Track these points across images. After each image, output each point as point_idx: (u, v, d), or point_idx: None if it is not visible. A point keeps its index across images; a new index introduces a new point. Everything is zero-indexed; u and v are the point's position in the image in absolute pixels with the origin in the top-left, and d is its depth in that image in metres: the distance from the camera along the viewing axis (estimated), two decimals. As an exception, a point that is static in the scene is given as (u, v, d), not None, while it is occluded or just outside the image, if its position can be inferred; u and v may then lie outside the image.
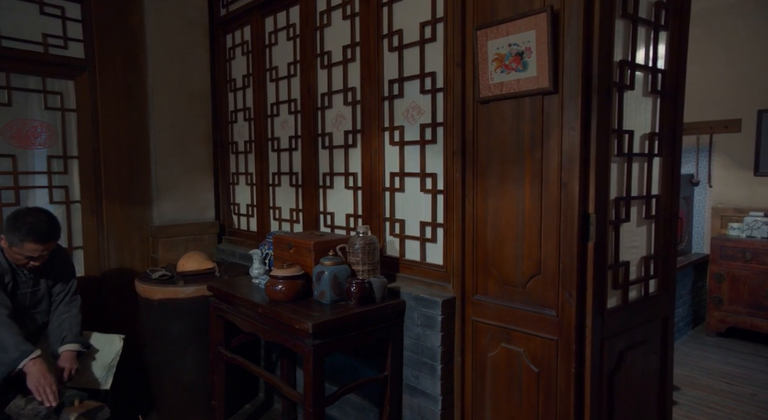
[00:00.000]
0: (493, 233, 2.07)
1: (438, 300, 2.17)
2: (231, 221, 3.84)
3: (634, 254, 2.06)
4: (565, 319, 1.86)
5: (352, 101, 2.70)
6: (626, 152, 1.95)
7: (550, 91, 1.83)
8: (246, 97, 3.55)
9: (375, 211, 2.61)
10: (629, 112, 1.96)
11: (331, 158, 2.89)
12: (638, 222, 2.07)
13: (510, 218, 2.01)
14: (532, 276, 1.96)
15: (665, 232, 2.18)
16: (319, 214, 2.99)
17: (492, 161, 2.06)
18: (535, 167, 1.91)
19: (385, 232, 2.59)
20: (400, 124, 2.47)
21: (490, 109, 2.05)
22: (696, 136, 5.00)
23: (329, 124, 2.89)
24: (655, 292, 2.18)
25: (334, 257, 2.28)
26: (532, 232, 1.94)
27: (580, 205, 1.80)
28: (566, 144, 1.81)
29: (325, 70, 2.87)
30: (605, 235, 1.85)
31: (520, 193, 1.97)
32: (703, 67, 4.86)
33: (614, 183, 1.93)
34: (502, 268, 2.05)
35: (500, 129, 2.02)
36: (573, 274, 1.82)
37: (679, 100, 2.15)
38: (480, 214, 2.12)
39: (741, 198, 4.77)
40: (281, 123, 3.25)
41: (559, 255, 1.86)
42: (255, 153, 3.49)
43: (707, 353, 4.17)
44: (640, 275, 2.10)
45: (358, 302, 2.18)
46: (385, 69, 2.51)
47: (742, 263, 4.36)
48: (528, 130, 1.92)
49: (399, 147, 2.48)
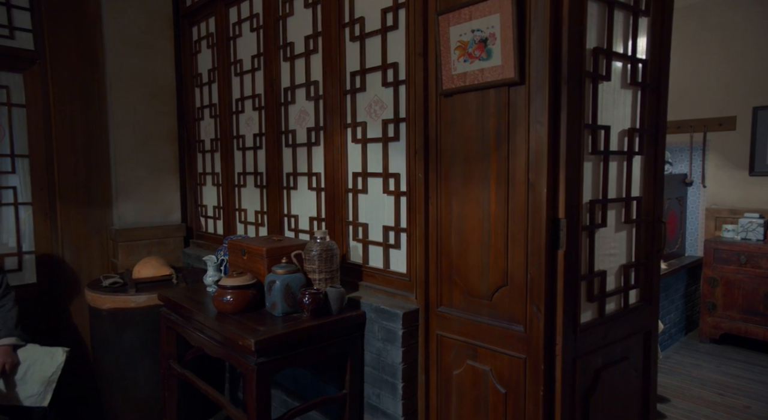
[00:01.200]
0: (458, 239, 1.89)
1: (398, 312, 1.98)
2: (199, 224, 3.65)
3: (612, 262, 1.88)
4: (534, 336, 1.67)
5: (314, 96, 2.51)
6: (602, 150, 1.76)
7: (515, 82, 1.65)
8: (212, 93, 3.36)
9: (338, 214, 2.42)
10: (605, 106, 1.78)
11: (294, 157, 2.70)
12: (617, 227, 1.88)
13: (475, 223, 1.82)
14: (498, 287, 1.77)
15: (647, 238, 2.00)
16: (284, 217, 2.81)
17: (456, 160, 1.87)
18: (500, 166, 1.72)
19: (349, 237, 2.40)
20: (363, 119, 2.28)
21: (453, 103, 1.86)
22: (689, 134, 4.82)
23: (293, 120, 2.70)
24: (636, 304, 2.00)
25: (288, 265, 2.09)
26: (498, 238, 1.75)
27: (548, 209, 1.61)
28: (533, 140, 1.62)
29: (288, 63, 2.68)
30: (578, 242, 1.66)
31: (485, 196, 1.78)
32: (696, 62, 4.68)
33: (588, 184, 1.74)
34: (467, 278, 1.87)
35: (464, 124, 1.83)
36: (541, 286, 1.63)
37: (662, 93, 1.97)
38: (444, 218, 1.93)
39: (736, 199, 4.59)
40: (246, 120, 3.06)
41: (526, 264, 1.68)
42: (221, 152, 3.30)
43: (700, 361, 3.99)
44: (619, 285, 1.91)
45: (312, 314, 1.99)
46: (348, 60, 2.32)
47: (737, 267, 4.18)
48: (493, 125, 1.74)
49: (361, 145, 2.29)
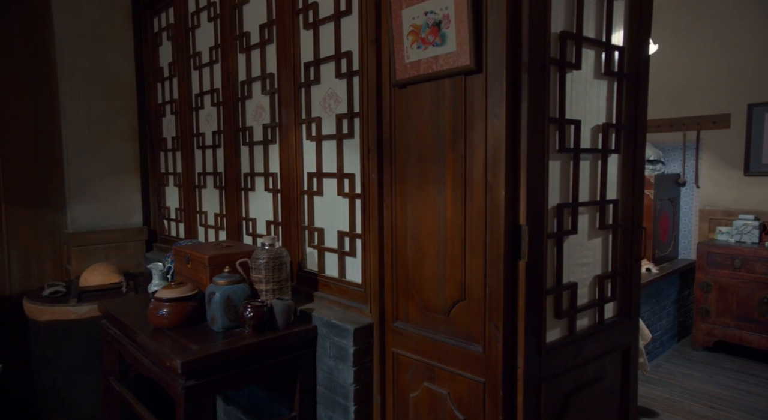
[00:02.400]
0: (413, 247, 1.69)
1: (349, 328, 1.79)
2: (162, 227, 3.45)
3: (585, 273, 1.68)
4: (492, 358, 1.48)
5: (270, 90, 2.32)
6: (572, 147, 1.57)
7: (472, 70, 1.45)
8: (173, 88, 3.17)
9: (294, 217, 2.23)
10: (576, 98, 1.59)
11: (251, 157, 2.51)
12: (590, 233, 1.69)
13: (431, 229, 1.63)
14: (455, 301, 1.58)
15: (626, 245, 1.80)
16: (242, 221, 2.61)
17: (411, 159, 1.68)
18: (457, 166, 1.53)
19: (305, 243, 2.21)
20: (318, 115, 2.09)
21: (408, 95, 1.67)
22: (682, 132, 4.62)
23: (250, 117, 2.51)
24: (613, 318, 1.80)
25: (231, 275, 1.90)
26: (454, 247, 1.56)
27: (507, 214, 1.42)
28: (491, 136, 1.43)
29: (244, 55, 2.48)
30: (542, 251, 1.47)
31: (441, 199, 1.59)
32: (690, 57, 4.49)
33: (556, 186, 1.55)
34: (423, 291, 1.67)
35: (419, 119, 1.64)
36: (499, 302, 1.44)
37: (642, 85, 1.77)
38: (399, 224, 1.74)
39: (730, 199, 4.39)
40: (206, 117, 2.87)
41: (485, 277, 1.48)
42: (181, 151, 3.11)
43: (692, 371, 3.80)
44: (593, 298, 1.72)
45: (254, 330, 1.80)
46: (302, 50, 2.13)
47: (731, 271, 3.99)
48: (449, 119, 1.54)
49: (316, 142, 2.10)
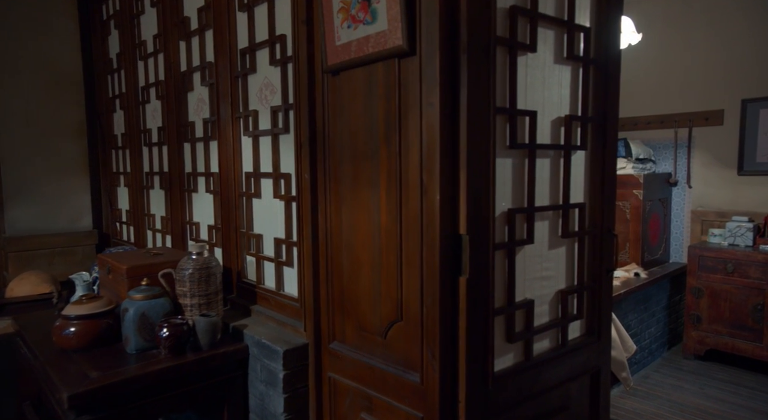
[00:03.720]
0: (349, 257, 1.48)
1: (279, 349, 1.57)
2: (116, 230, 3.23)
3: (544, 288, 1.46)
4: (430, 389, 1.26)
5: (209, 80, 2.10)
6: (527, 142, 1.35)
7: (405, 52, 1.23)
8: (121, 81, 2.94)
9: (233, 222, 2.01)
10: (533, 86, 1.36)
11: (193, 154, 2.29)
12: (551, 242, 1.47)
13: (365, 237, 1.41)
14: (392, 322, 1.36)
15: (595, 255, 1.58)
16: (186, 225, 2.39)
17: (345, 156, 1.46)
18: (391, 164, 1.31)
19: (244, 250, 1.99)
20: (255, 107, 1.87)
21: (341, 83, 1.45)
22: (674, 129, 4.40)
23: (192, 111, 2.29)
24: (580, 339, 1.58)
25: (150, 288, 1.68)
26: (390, 258, 1.34)
27: (444, 221, 1.20)
28: (426, 130, 1.21)
29: (184, 43, 2.26)
30: (488, 265, 1.25)
31: (376, 202, 1.37)
32: (681, 50, 4.27)
33: (507, 188, 1.33)
34: (359, 308, 1.46)
35: (352, 110, 1.42)
36: (435, 325, 1.22)
37: (612, 71, 1.55)
38: (335, 230, 1.52)
39: (723, 200, 4.18)
40: (152, 111, 2.65)
41: (422, 295, 1.26)
42: (130, 149, 2.88)
43: (682, 382, 3.58)
44: (555, 317, 1.50)
45: (171, 351, 1.58)
46: (239, 36, 1.91)
47: (723, 276, 3.77)
48: (382, 110, 1.32)
49: (253, 139, 1.88)
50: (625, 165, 4.17)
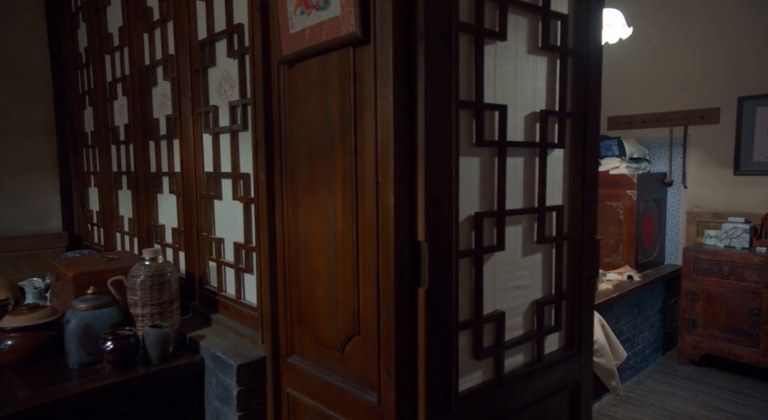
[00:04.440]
0: (306, 264, 1.36)
1: (232, 364, 1.45)
2: (88, 232, 3.11)
3: (518, 299, 1.34)
4: (387, 411, 1.14)
5: (171, 75, 1.98)
6: (496, 139, 1.23)
7: (359, 40, 1.12)
8: (91, 76, 2.82)
9: (195, 225, 1.89)
10: (503, 78, 1.24)
11: (158, 153, 2.17)
12: (526, 249, 1.35)
13: (322, 243, 1.29)
14: (349, 336, 1.24)
15: (574, 261, 1.46)
16: (152, 228, 2.27)
17: (301, 155, 1.34)
18: (347, 164, 1.19)
19: (207, 255, 1.87)
20: (215, 103, 1.75)
21: (296, 75, 1.33)
22: (669, 128, 4.29)
23: (156, 107, 2.17)
24: (559, 352, 1.46)
25: (96, 297, 1.56)
26: (346, 266, 1.22)
27: (399, 226, 1.08)
28: (381, 125, 1.09)
29: (147, 34, 2.14)
30: (451, 275, 1.13)
31: (332, 205, 1.25)
32: (676, 46, 4.15)
33: (474, 189, 1.21)
34: (317, 319, 1.34)
35: (307, 105, 1.30)
36: (390, 341, 1.10)
37: (593, 63, 1.43)
38: (292, 235, 1.40)
39: (719, 201, 4.06)
40: (119, 108, 2.53)
41: (378, 307, 1.15)
42: (98, 147, 2.76)
43: (675, 388, 3.46)
44: (530, 329, 1.38)
45: (116, 366, 1.46)
46: (198, 26, 1.79)
47: (719, 279, 3.65)
48: (337, 104, 1.21)
49: (213, 136, 1.76)
50: (619, 164, 4.06)
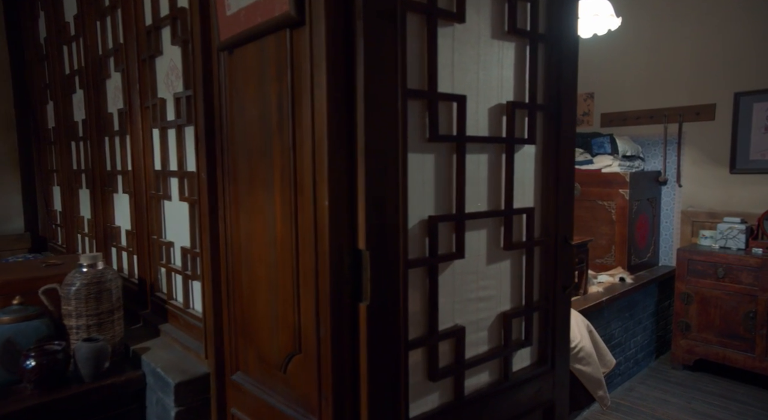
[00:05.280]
0: (248, 272, 1.22)
1: (170, 382, 1.32)
2: (53, 233, 2.97)
3: (483, 311, 1.21)
4: (327, 442, 1.01)
5: (121, 66, 1.84)
6: (454, 134, 1.10)
7: (294, 21, 0.98)
8: (51, 68, 2.68)
9: (145, 227, 1.76)
10: (463, 65, 1.11)
11: (112, 150, 2.03)
12: (491, 256, 1.22)
13: (262, 249, 1.16)
14: (290, 354, 1.11)
15: (548, 269, 1.33)
16: (108, 229, 2.13)
17: (241, 151, 1.21)
18: (285, 161, 1.06)
19: (157, 260, 1.73)
20: (163, 95, 1.61)
21: (236, 62, 1.19)
22: (663, 125, 4.15)
23: (110, 100, 2.03)
24: (530, 368, 1.33)
25: (23, 307, 1.43)
26: (285, 276, 1.09)
27: (335, 233, 0.94)
28: (317, 117, 0.96)
29: (99, 22, 2.00)
30: (398, 287, 1.00)
31: (270, 207, 1.12)
32: (670, 40, 4.01)
33: (429, 190, 1.08)
34: (259, 333, 1.21)
35: (246, 95, 1.16)
36: (327, 362, 0.97)
37: (568, 50, 1.29)
38: (235, 239, 1.26)
39: (715, 200, 3.93)
40: (77, 102, 2.39)
41: (317, 323, 1.01)
42: (59, 143, 2.62)
43: (668, 395, 3.34)
44: (497, 344, 1.25)
45: (39, 386, 1.32)
46: (146, 12, 1.65)
47: (714, 281, 3.52)
48: (275, 94, 1.07)
49: (161, 131, 1.62)
50: (611, 163, 3.92)
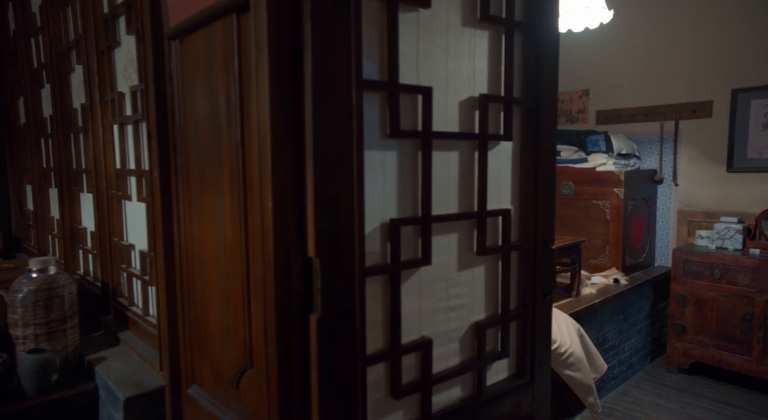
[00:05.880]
0: (200, 279, 1.13)
1: (120, 396, 1.23)
2: (28, 234, 2.87)
3: (454, 321, 1.12)
4: (276, 467, 0.92)
5: (82, 58, 1.75)
6: (419, 130, 1.00)
7: (240, 5, 0.89)
8: (21, 62, 2.58)
9: (108, 228, 1.66)
10: (429, 54, 1.01)
11: (77, 146, 1.94)
12: (463, 261, 1.12)
13: (213, 254, 1.07)
14: (242, 369, 1.02)
15: (527, 275, 1.24)
16: (75, 230, 2.04)
17: (193, 148, 1.11)
18: (233, 158, 0.97)
19: (119, 263, 1.64)
20: (122, 89, 1.52)
21: (186, 52, 1.10)
22: (659, 122, 4.06)
23: (75, 95, 1.94)
24: (507, 381, 1.24)
25: (-33, 314, 1.34)
26: (235, 283, 1.00)
27: (280, 238, 0.85)
28: (260, 110, 0.87)
29: (62, 13, 1.91)
30: (353, 297, 0.91)
31: (221, 209, 1.03)
32: (667, 36, 3.92)
33: (390, 190, 0.98)
34: (212, 345, 1.12)
35: (196, 86, 1.07)
36: (273, 380, 0.88)
37: (547, 39, 1.20)
38: (189, 243, 1.17)
39: (711, 199, 3.84)
40: (46, 96, 2.29)
41: (266, 337, 0.92)
42: (30, 141, 2.53)
43: (663, 399, 3.25)
44: (470, 356, 1.16)
45: (-18, 399, 1.24)
46: (104, 0, 1.56)
47: (710, 282, 3.43)
48: (222, 85, 0.98)
49: (119, 127, 1.53)
50: (606, 161, 3.83)
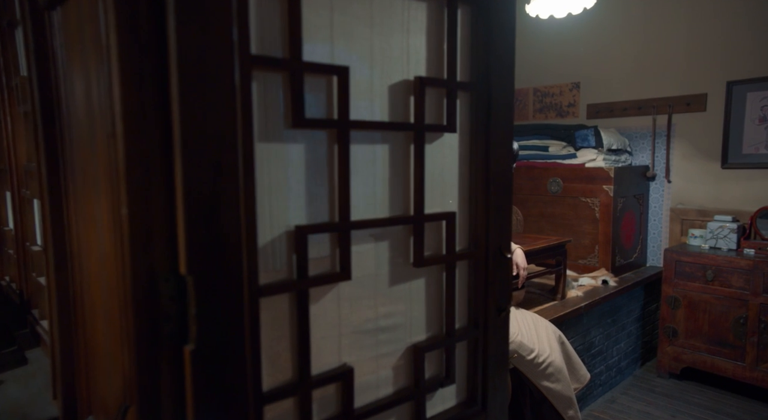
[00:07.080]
0: (88, 293, 0.96)
1: (2, 428, 1.06)
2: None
3: (385, 344, 0.95)
4: None
5: None
6: (334, 119, 0.83)
7: (97, -43, 0.71)
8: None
9: (21, 232, 1.49)
10: (349, 26, 0.84)
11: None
12: (396, 274, 0.95)
13: (96, 266, 0.90)
14: (124, 406, 0.85)
15: (477, 288, 1.07)
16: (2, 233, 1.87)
17: (76, 139, 0.94)
18: (107, 151, 0.79)
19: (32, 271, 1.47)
20: (24, 72, 1.34)
21: (63, 25, 0.92)
22: (652, 116, 3.89)
23: None
24: (455, 410, 1.07)
25: None
26: (113, 302, 0.83)
27: (138, 252, 0.68)
28: (114, 90, 0.69)
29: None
30: (240, 323, 0.73)
31: (99, 211, 0.85)
32: (660, 27, 3.74)
33: (296, 191, 0.81)
34: (99, 374, 0.95)
35: (71, 64, 0.90)
36: (134, 432, 0.71)
37: (502, 16, 1.02)
38: (76, 250, 1.00)
39: (705, 197, 3.67)
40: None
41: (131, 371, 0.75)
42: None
43: (652, 407, 3.09)
44: (407, 384, 0.99)
45: None
46: (12, -27, 1.38)
47: (702, 284, 3.27)
48: (93, 61, 0.80)
49: (24, 115, 1.35)
50: (596, 156, 3.67)
